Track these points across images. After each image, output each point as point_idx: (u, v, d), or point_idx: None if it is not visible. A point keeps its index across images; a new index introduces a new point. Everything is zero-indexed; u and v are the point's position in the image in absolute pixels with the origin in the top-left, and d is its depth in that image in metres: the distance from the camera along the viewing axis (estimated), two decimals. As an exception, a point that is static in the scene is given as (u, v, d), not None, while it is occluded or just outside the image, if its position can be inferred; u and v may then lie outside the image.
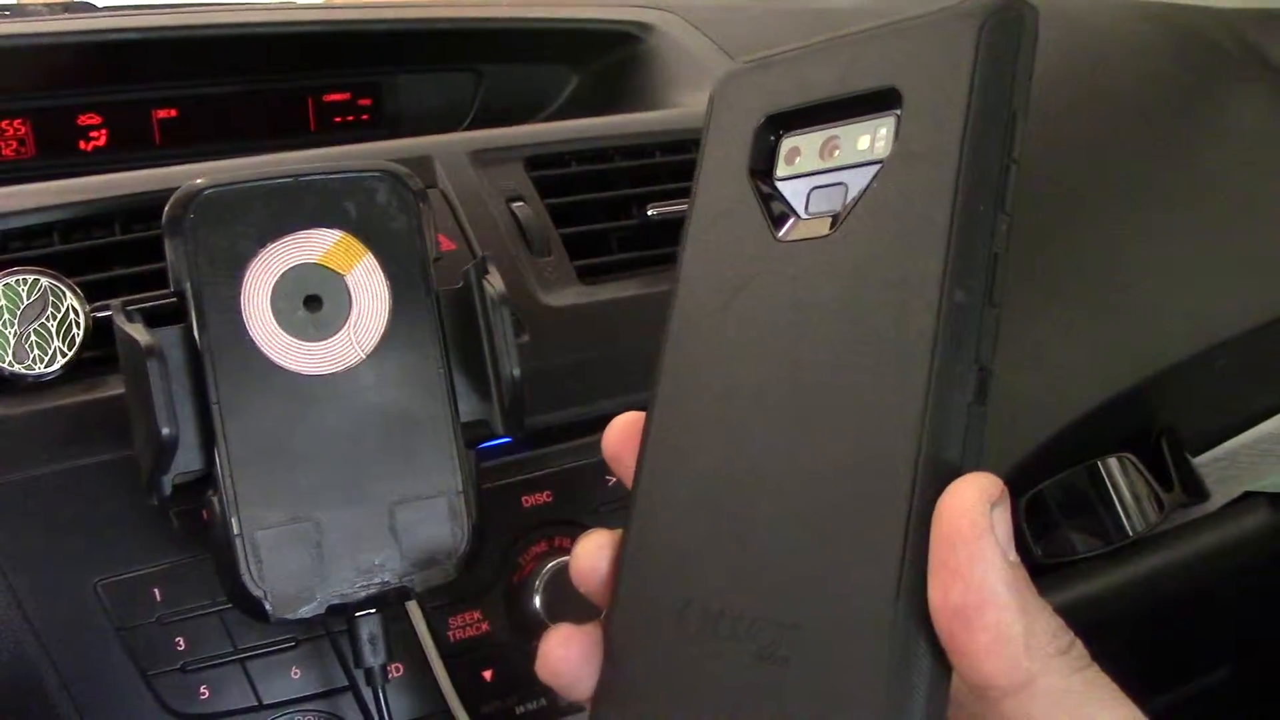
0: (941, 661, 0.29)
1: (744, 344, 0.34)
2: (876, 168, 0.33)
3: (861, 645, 0.29)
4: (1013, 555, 0.29)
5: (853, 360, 0.32)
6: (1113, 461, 0.82)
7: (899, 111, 0.33)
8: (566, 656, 0.36)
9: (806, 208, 0.35)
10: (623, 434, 0.37)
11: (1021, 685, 0.28)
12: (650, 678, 0.34)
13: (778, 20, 0.92)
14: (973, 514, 0.29)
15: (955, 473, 0.30)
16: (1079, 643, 0.30)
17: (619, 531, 0.37)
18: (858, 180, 0.34)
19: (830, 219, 0.34)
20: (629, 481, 0.37)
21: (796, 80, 0.36)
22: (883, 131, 0.33)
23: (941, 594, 0.29)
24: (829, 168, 0.35)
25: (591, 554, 0.37)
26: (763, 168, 0.36)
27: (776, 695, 0.31)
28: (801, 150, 0.36)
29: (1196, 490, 0.86)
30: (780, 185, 0.36)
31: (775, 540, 0.32)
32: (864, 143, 0.34)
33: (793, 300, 0.34)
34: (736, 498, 0.33)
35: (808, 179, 0.35)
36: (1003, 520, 0.29)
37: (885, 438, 0.30)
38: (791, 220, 0.35)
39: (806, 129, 0.36)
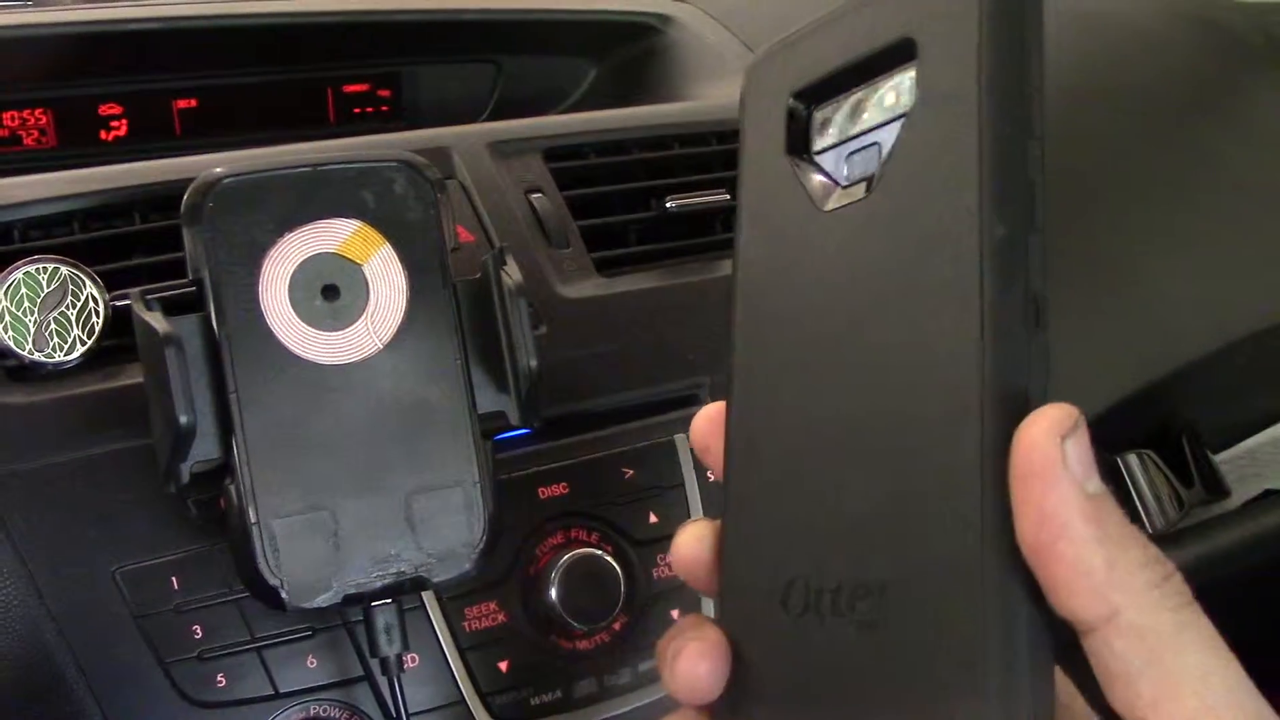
0: (1040, 601, 0.28)
1: (807, 320, 0.34)
2: (903, 120, 0.33)
3: (956, 596, 0.29)
4: (1093, 486, 0.28)
5: (911, 313, 0.31)
6: (1133, 458, 0.82)
7: (917, 60, 0.32)
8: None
9: (846, 175, 0.35)
10: (710, 424, 0.37)
11: (1105, 619, 0.27)
12: (768, 668, 0.34)
13: (798, 10, 0.91)
14: (1043, 447, 0.28)
15: (1024, 405, 0.29)
16: (1176, 578, 0.28)
17: (717, 521, 0.36)
18: (888, 137, 0.33)
19: (868, 181, 0.34)
20: (719, 471, 0.37)
21: (817, 52, 0.36)
22: (905, 84, 0.33)
23: (1020, 531, 0.28)
24: (860, 131, 0.34)
25: (692, 545, 0.36)
26: (800, 144, 0.36)
27: (881, 662, 0.30)
28: (832, 120, 0.36)
29: (1217, 487, 0.85)
30: (819, 159, 0.36)
31: (860, 507, 0.32)
32: (889, 99, 0.34)
33: (847, 267, 0.33)
34: (818, 471, 0.33)
35: (842, 147, 0.35)
36: (1077, 451, 0.28)
37: (951, 384, 0.30)
38: (834, 190, 0.35)
39: (834, 98, 0.35)
